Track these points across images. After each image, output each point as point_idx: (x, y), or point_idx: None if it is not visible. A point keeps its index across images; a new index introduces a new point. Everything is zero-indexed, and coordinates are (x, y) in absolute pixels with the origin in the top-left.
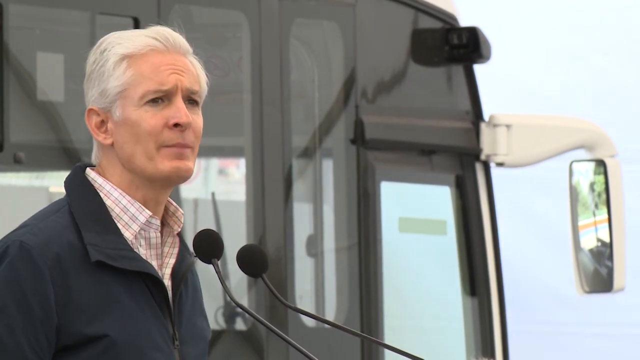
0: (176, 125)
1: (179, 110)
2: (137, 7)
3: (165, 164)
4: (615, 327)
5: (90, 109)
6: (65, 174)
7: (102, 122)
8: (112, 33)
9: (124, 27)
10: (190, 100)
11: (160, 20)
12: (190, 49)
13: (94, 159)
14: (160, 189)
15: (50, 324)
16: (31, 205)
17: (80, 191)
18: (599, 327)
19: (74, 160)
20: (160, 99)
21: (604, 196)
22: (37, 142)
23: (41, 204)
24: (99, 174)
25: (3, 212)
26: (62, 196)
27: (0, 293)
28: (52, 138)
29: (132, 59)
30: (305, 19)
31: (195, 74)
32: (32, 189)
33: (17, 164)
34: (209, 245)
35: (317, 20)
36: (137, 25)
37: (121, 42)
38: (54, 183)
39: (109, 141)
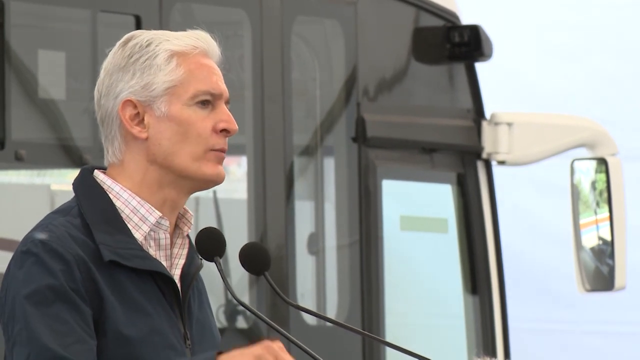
0: (222, 130)
1: (229, 116)
2: (139, 5)
3: (210, 167)
4: (614, 325)
5: (127, 100)
6: (66, 172)
7: (137, 115)
8: (144, 31)
9: (125, 25)
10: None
11: (162, 18)
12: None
13: (115, 154)
14: (186, 191)
15: (88, 309)
16: (32, 203)
17: (90, 193)
18: (597, 325)
19: (75, 158)
20: (208, 101)
21: (605, 194)
22: (38, 139)
23: (42, 202)
24: (110, 175)
25: (4, 210)
26: (65, 194)
27: (39, 289)
28: (53, 136)
29: (182, 57)
30: (306, 16)
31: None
32: (33, 186)
33: (18, 161)
34: (211, 243)
35: (318, 18)
36: (138, 23)
37: (168, 39)
38: (55, 181)
39: (144, 135)
